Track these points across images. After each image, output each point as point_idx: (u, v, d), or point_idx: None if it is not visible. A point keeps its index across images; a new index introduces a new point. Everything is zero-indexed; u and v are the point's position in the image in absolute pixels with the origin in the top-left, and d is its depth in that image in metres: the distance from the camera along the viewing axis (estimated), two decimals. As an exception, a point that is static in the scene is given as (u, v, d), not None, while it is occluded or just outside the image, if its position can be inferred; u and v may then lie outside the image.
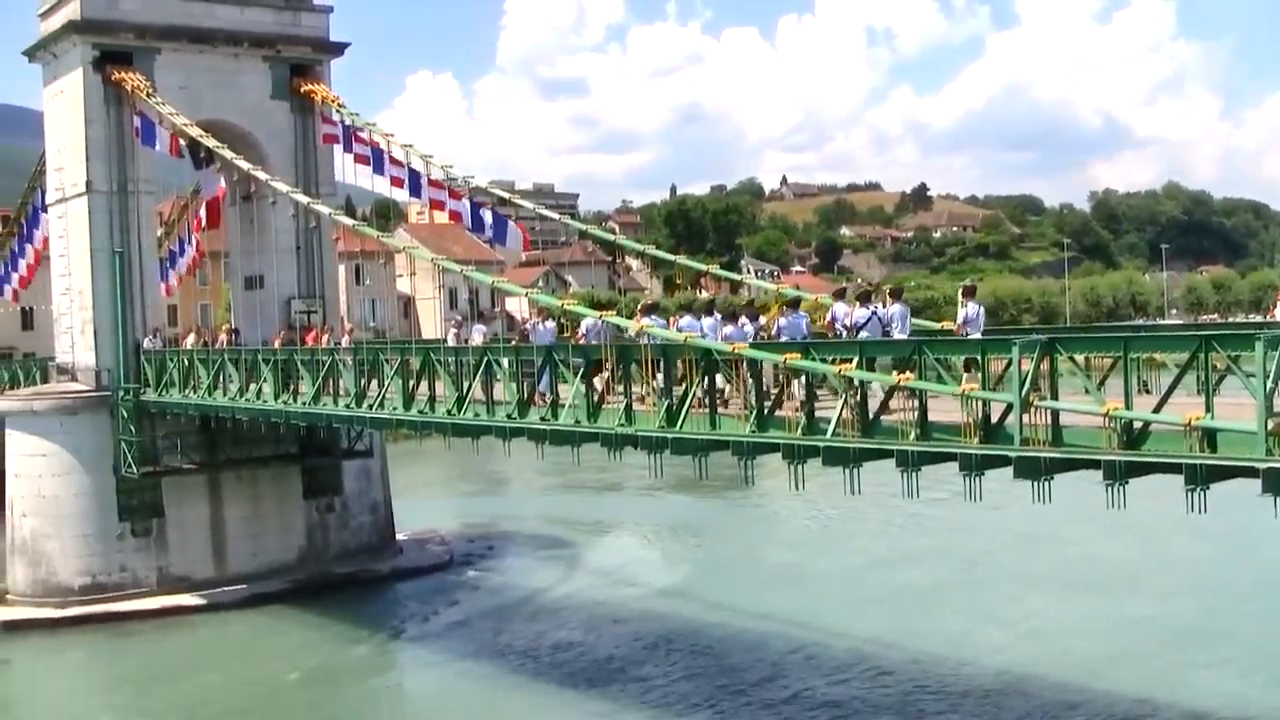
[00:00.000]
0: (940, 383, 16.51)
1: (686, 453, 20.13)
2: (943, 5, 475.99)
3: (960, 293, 21.34)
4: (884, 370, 17.64)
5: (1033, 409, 15.29)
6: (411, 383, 26.29)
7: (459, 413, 24.68)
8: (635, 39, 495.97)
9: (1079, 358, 15.48)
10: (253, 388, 32.42)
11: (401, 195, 41.07)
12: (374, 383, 27.97)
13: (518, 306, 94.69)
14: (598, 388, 21.74)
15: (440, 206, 37.76)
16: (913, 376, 16.62)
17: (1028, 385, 15.19)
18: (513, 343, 25.95)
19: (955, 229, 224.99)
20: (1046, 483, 15.58)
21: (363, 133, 37.47)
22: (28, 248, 50.83)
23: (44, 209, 44.70)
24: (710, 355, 19.53)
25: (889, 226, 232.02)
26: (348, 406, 28.86)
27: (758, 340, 20.74)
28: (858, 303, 20.61)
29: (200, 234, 43.66)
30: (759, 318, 22.55)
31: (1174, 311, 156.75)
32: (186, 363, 35.55)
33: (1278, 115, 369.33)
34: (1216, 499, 14.39)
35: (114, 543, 37.06)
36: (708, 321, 21.58)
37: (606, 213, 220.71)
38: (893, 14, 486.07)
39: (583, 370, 21.83)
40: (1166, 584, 36.18)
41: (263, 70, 40.54)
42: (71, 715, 29.52)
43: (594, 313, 24.32)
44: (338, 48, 42.14)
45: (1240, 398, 13.85)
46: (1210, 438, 14.05)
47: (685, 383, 20.18)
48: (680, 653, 30.67)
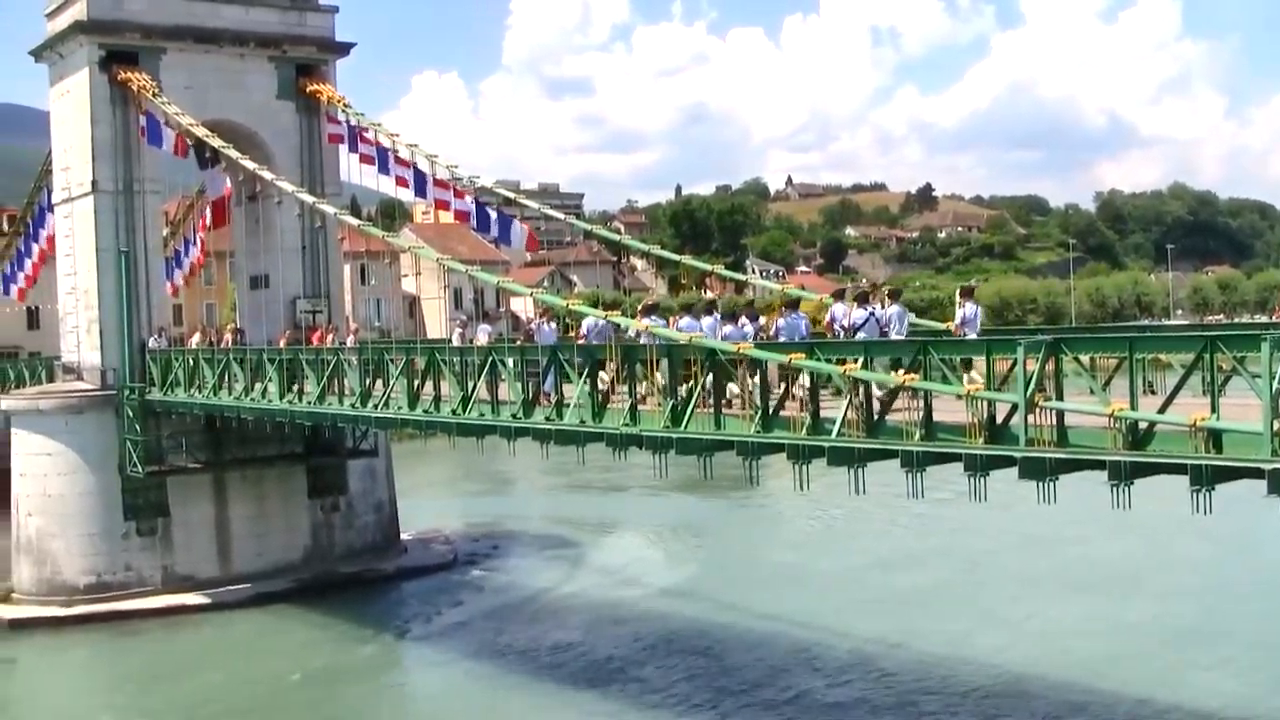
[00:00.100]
0: (945, 383, 16.52)
1: (691, 453, 20.12)
2: (948, 5, 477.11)
3: (957, 293, 21.34)
4: (881, 370, 17.65)
5: (1038, 409, 15.29)
6: (416, 382, 26.33)
7: (464, 412, 24.68)
8: (641, 39, 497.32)
9: (1084, 358, 15.50)
10: (258, 387, 32.45)
11: (407, 195, 41.07)
12: (379, 382, 28.01)
13: (523, 306, 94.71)
14: (601, 386, 21.74)
15: (445, 206, 37.76)
16: (918, 377, 16.62)
17: (1033, 386, 15.17)
18: (517, 342, 25.96)
19: (960, 229, 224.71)
20: (1051, 483, 15.56)
21: (368, 132, 37.50)
22: (34, 247, 50.94)
23: (50, 208, 44.81)
24: (715, 355, 19.53)
25: (894, 227, 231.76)
26: (353, 406, 28.88)
27: (757, 340, 20.75)
28: (855, 303, 20.62)
29: (206, 234, 43.75)
30: (758, 318, 22.57)
31: (1179, 312, 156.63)
32: (192, 362, 35.59)
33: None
34: (1222, 500, 14.38)
35: (119, 542, 37.11)
36: (707, 321, 21.56)
37: (612, 213, 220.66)
38: (898, 14, 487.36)
39: (587, 370, 21.84)
40: (1170, 584, 36.12)
41: (268, 70, 40.58)
42: (73, 714, 29.55)
43: (597, 312, 24.32)
44: (343, 48, 42.19)
45: (1246, 398, 13.81)
46: (1216, 438, 14.03)
47: (690, 383, 20.17)
48: (682, 653, 30.65)
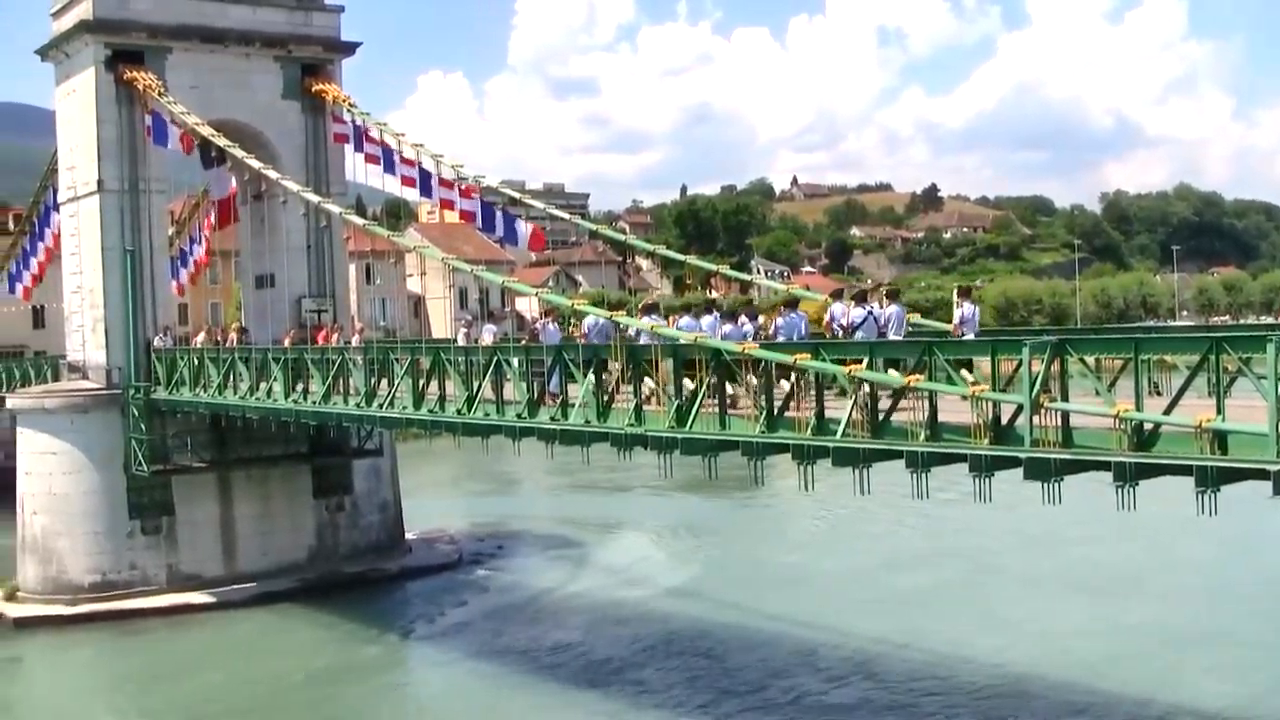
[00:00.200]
0: (950, 383, 16.50)
1: (696, 453, 20.12)
2: (954, 5, 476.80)
3: (955, 293, 21.41)
4: (879, 370, 17.65)
5: (1043, 410, 15.28)
6: (421, 382, 26.33)
7: (469, 412, 24.69)
8: (646, 39, 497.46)
9: (1089, 359, 15.44)
10: (263, 386, 32.46)
11: (412, 195, 41.08)
12: (384, 382, 28.00)
13: (528, 306, 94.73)
14: (606, 384, 21.75)
15: (451, 206, 37.66)
16: (923, 377, 16.60)
17: (1038, 386, 15.16)
18: (522, 342, 25.95)
19: (966, 230, 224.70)
20: (1056, 484, 15.55)
21: (374, 132, 37.48)
22: (39, 246, 51.02)
23: (56, 208, 44.83)
24: (720, 355, 19.53)
25: (899, 227, 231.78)
26: (358, 406, 28.89)
27: (756, 340, 20.76)
28: (853, 302, 20.65)
29: (211, 233, 43.77)
30: (757, 317, 22.67)
31: (1185, 313, 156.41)
32: (197, 361, 35.62)
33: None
34: (1227, 501, 14.35)
35: (124, 541, 37.15)
36: (706, 321, 21.64)
37: (617, 213, 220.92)
38: (904, 14, 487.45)
39: (593, 369, 21.86)
40: (1173, 585, 36.05)
41: (274, 70, 40.61)
42: (75, 713, 29.54)
43: (600, 311, 24.28)
44: (349, 47, 42.20)
45: (1252, 400, 13.78)
46: (1221, 440, 14.01)
47: (694, 383, 20.16)
48: (686, 653, 30.64)
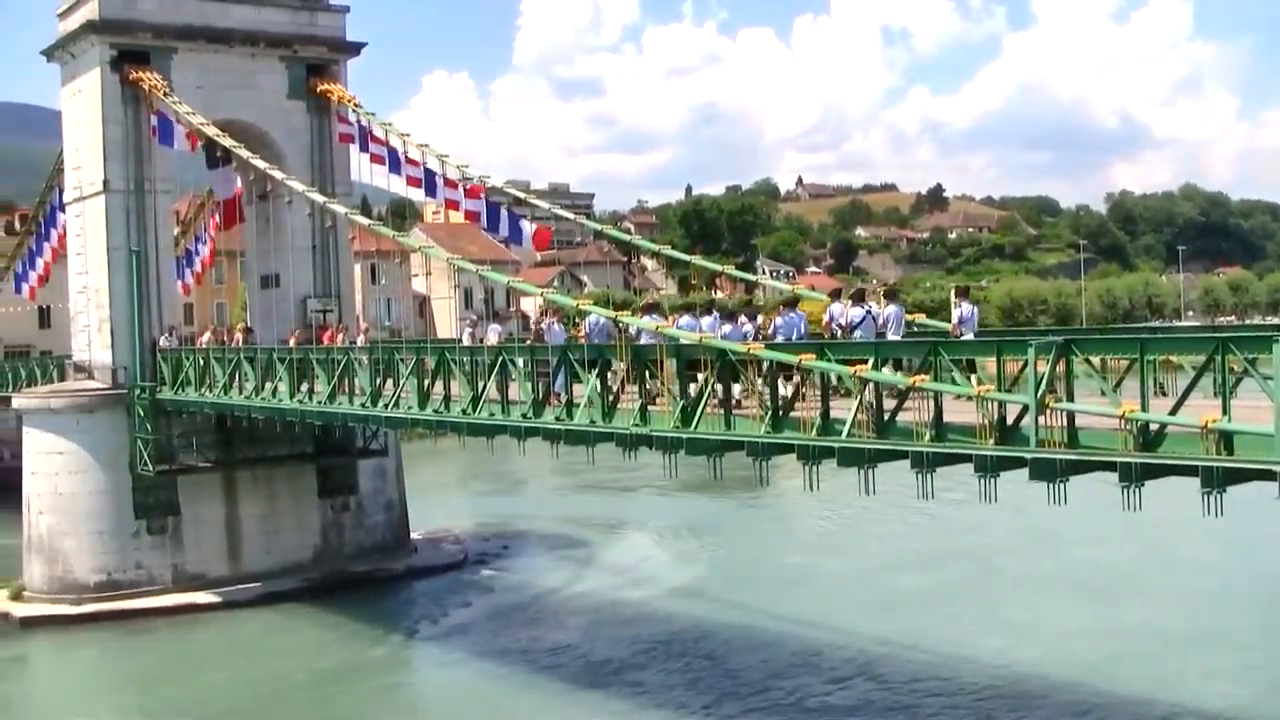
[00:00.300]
0: (955, 384, 16.48)
1: (701, 453, 20.12)
2: (959, 5, 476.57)
3: (953, 294, 21.41)
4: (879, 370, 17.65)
5: (1048, 410, 15.25)
6: (426, 382, 26.31)
7: (474, 412, 24.68)
8: (651, 39, 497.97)
9: (1095, 359, 15.44)
10: (268, 386, 32.48)
11: (417, 195, 41.11)
12: (389, 382, 28.01)
13: (533, 306, 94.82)
14: (611, 385, 21.75)
15: (456, 206, 37.73)
16: (928, 378, 16.58)
17: (1043, 387, 15.14)
18: (527, 342, 25.94)
19: (971, 230, 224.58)
20: (1062, 484, 15.53)
21: (379, 132, 37.50)
22: (45, 246, 51.10)
23: (61, 208, 44.90)
24: (725, 355, 19.52)
25: (905, 227, 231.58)
26: (363, 405, 28.90)
27: (755, 340, 20.77)
28: (851, 302, 20.67)
29: (216, 233, 43.83)
30: (756, 317, 22.71)
31: (1190, 313, 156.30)
32: (202, 361, 35.64)
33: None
34: (1233, 502, 14.32)
35: (129, 540, 37.18)
36: (706, 321, 21.69)
37: (622, 213, 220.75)
38: (909, 14, 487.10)
39: (598, 369, 21.86)
40: (1178, 586, 35.99)
41: (279, 70, 40.63)
42: (79, 713, 29.52)
43: (602, 310, 24.25)
44: (354, 47, 42.21)
45: (1258, 400, 13.77)
46: (1227, 440, 13.98)
47: (700, 383, 20.17)
48: (690, 654, 30.63)
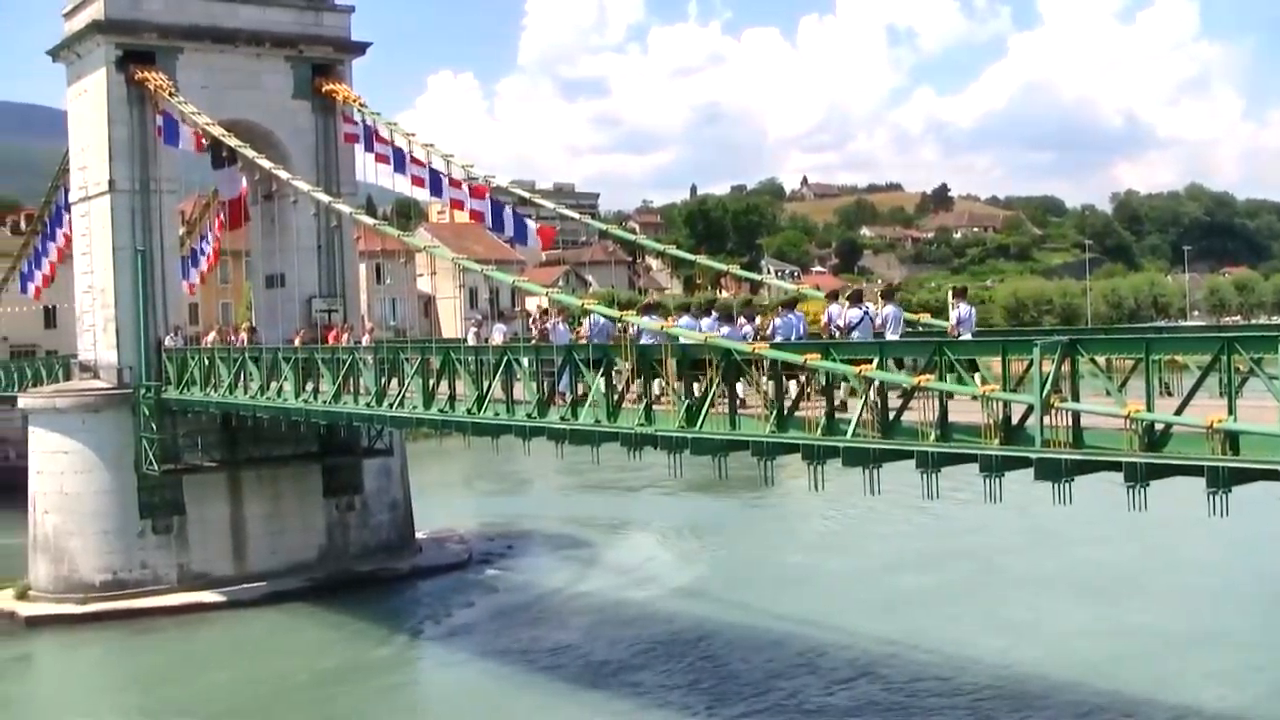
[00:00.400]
0: (961, 383, 16.47)
1: (706, 452, 20.11)
2: (964, 5, 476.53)
3: (950, 295, 21.41)
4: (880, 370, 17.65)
5: (1054, 410, 15.24)
6: (432, 382, 26.34)
7: (479, 412, 24.69)
8: (656, 39, 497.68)
9: (1100, 359, 15.43)
10: (273, 386, 32.51)
11: (422, 194, 41.07)
12: (394, 381, 28.03)
13: (534, 306, 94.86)
14: (616, 385, 21.77)
15: (461, 206, 37.70)
16: (934, 377, 16.57)
17: (1049, 387, 15.12)
18: (532, 340, 25.96)
19: (976, 230, 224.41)
20: (1067, 484, 15.51)
21: (384, 132, 37.51)
22: (51, 246, 51.14)
23: (67, 208, 44.99)
24: (730, 355, 19.52)
25: (910, 227, 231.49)
26: (368, 405, 28.92)
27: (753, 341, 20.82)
28: (849, 303, 20.71)
29: (222, 232, 43.87)
30: (755, 318, 22.80)
31: (1196, 313, 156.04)
32: (207, 361, 35.67)
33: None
34: (1238, 501, 14.31)
35: (135, 540, 37.23)
36: (705, 322, 21.71)
37: (627, 212, 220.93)
38: (914, 14, 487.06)
39: (603, 368, 21.89)
40: (1181, 586, 35.92)
41: (284, 70, 40.67)
42: (84, 712, 29.54)
43: (605, 310, 24.25)
44: (359, 47, 42.25)
45: (1263, 400, 13.74)
46: (1232, 440, 13.96)
47: (705, 382, 20.18)
48: (693, 654, 30.64)
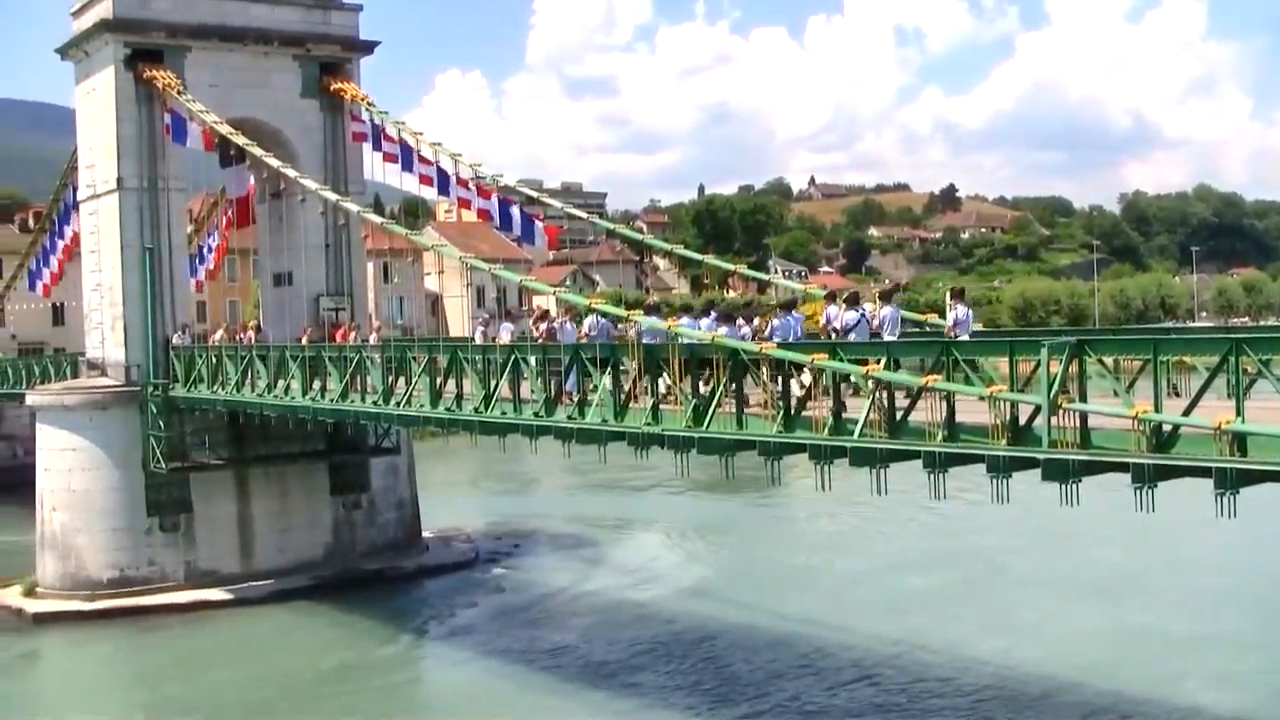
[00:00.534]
0: (968, 384, 16.46)
1: (713, 452, 20.13)
2: (972, 5, 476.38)
3: (948, 295, 21.43)
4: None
5: (1061, 411, 15.22)
6: (439, 380, 26.36)
7: (486, 410, 24.71)
8: (664, 39, 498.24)
9: (1108, 360, 15.39)
10: (281, 384, 32.55)
11: (430, 193, 41.12)
12: (401, 380, 28.05)
13: (538, 307, 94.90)
14: (623, 384, 21.79)
15: (468, 205, 37.70)
16: (940, 377, 16.56)
17: (1056, 387, 15.10)
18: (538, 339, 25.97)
19: (984, 230, 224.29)
20: (1075, 485, 15.50)
21: (392, 131, 37.53)
22: (59, 244, 51.29)
23: (75, 206, 45.01)
24: (736, 355, 19.52)
25: (917, 227, 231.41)
26: (375, 403, 28.94)
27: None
28: (846, 305, 20.75)
29: (229, 230, 43.92)
30: (754, 319, 22.89)
31: (1204, 314, 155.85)
32: (215, 359, 35.72)
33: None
34: (1246, 503, 14.27)
35: (142, 537, 37.28)
36: (705, 322, 21.79)
37: (634, 212, 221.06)
38: (922, 14, 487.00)
39: (609, 368, 21.92)
40: (1185, 587, 35.80)
41: (293, 69, 40.69)
42: (91, 709, 29.57)
43: (608, 309, 24.25)
44: (367, 46, 42.26)
45: (1271, 401, 13.73)
46: (1241, 441, 13.93)
47: (712, 382, 20.19)
48: (698, 654, 30.60)
